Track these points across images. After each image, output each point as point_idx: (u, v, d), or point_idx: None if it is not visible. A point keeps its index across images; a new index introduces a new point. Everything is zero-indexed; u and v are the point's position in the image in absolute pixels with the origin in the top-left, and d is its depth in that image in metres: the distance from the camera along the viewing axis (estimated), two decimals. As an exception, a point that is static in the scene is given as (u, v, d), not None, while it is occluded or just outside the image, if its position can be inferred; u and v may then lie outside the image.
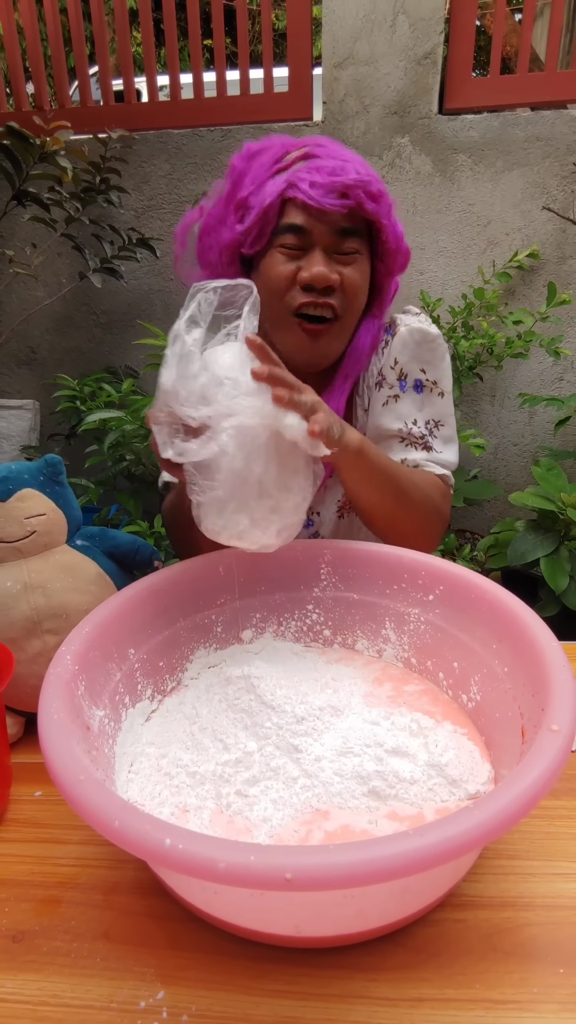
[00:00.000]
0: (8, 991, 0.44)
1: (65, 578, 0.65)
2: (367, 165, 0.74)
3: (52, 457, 0.67)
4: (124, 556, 0.72)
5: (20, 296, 1.98)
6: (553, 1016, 0.41)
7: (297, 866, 0.33)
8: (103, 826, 0.36)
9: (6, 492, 0.64)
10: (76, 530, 0.70)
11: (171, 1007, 0.42)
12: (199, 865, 0.33)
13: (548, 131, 1.66)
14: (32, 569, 0.65)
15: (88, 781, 0.39)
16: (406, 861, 0.33)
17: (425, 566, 0.65)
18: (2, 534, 0.64)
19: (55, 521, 0.66)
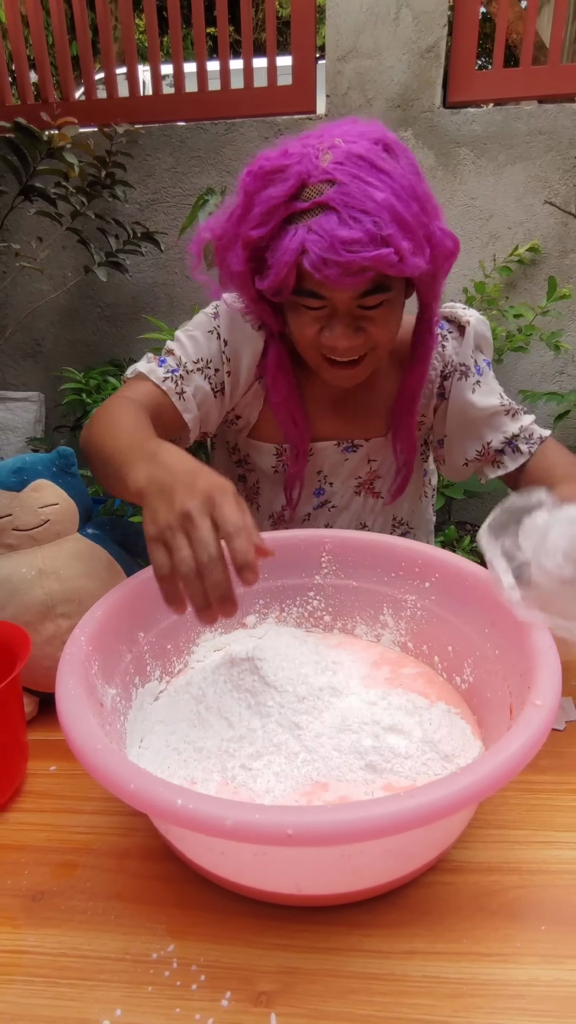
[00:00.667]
0: (31, 944, 0.48)
1: (77, 565, 0.68)
2: (403, 190, 0.62)
3: (64, 449, 0.70)
4: (133, 544, 0.75)
5: (26, 289, 2.00)
6: (535, 968, 0.44)
7: (298, 823, 0.36)
8: (120, 789, 0.40)
9: (21, 483, 0.67)
10: (87, 519, 0.73)
11: (181, 958, 0.46)
12: (208, 822, 0.37)
13: (551, 125, 1.67)
14: (46, 556, 0.68)
15: (105, 750, 0.42)
16: (398, 819, 0.36)
17: (421, 555, 0.68)
18: (17, 523, 0.67)
19: (67, 510, 0.69)
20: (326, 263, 0.61)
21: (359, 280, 0.63)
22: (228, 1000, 0.43)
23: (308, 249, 0.62)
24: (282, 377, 0.79)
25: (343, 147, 0.62)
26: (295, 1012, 0.42)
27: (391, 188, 0.61)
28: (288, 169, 0.63)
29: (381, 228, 0.61)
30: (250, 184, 0.65)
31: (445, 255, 0.69)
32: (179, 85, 1.83)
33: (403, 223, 0.62)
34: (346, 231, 0.60)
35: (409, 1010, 0.42)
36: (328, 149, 0.63)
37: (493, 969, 0.44)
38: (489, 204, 1.76)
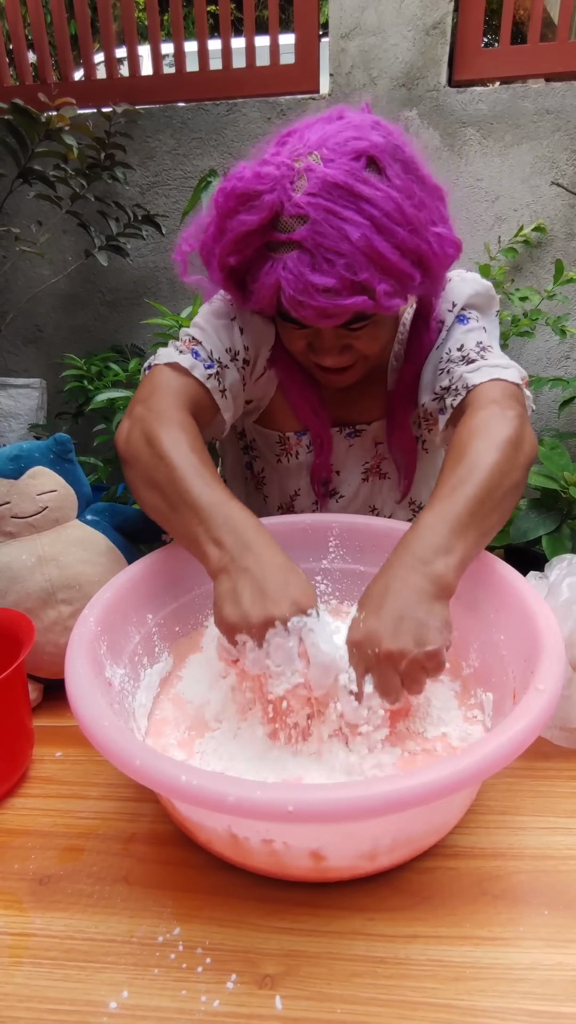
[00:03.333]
0: (38, 927, 0.48)
1: (77, 551, 0.68)
2: (386, 217, 0.58)
3: (61, 436, 0.70)
4: (132, 529, 0.75)
5: (26, 274, 1.99)
6: (537, 952, 0.44)
7: (298, 800, 0.36)
8: (126, 765, 0.40)
9: (18, 470, 0.67)
10: (86, 506, 0.73)
11: (186, 941, 0.46)
12: (211, 798, 0.37)
13: (558, 104, 1.64)
14: (45, 543, 0.68)
15: (112, 727, 0.42)
16: (398, 798, 0.37)
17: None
18: (16, 510, 0.67)
19: (65, 497, 0.70)
20: (301, 304, 0.60)
21: (336, 319, 0.62)
22: (233, 982, 0.43)
23: (283, 287, 0.60)
24: (295, 366, 0.78)
25: (319, 172, 0.57)
26: (299, 994, 0.43)
27: (370, 219, 0.57)
28: (261, 197, 0.59)
29: (356, 273, 0.57)
30: (223, 205, 0.62)
31: (445, 264, 0.66)
32: (180, 64, 1.80)
33: (382, 262, 0.58)
34: (319, 277, 0.58)
35: (412, 993, 0.42)
36: (304, 172, 0.58)
37: (496, 953, 0.44)
38: (495, 185, 1.73)
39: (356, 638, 0.51)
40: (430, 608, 0.50)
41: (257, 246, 0.61)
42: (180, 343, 0.73)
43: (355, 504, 0.90)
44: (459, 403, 0.68)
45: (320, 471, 0.86)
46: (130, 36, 1.80)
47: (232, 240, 0.62)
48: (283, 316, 0.67)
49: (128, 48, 1.81)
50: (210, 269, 0.68)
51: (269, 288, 0.61)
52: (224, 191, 0.61)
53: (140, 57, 1.85)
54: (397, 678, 0.49)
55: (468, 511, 0.55)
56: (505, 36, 1.69)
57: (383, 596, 0.51)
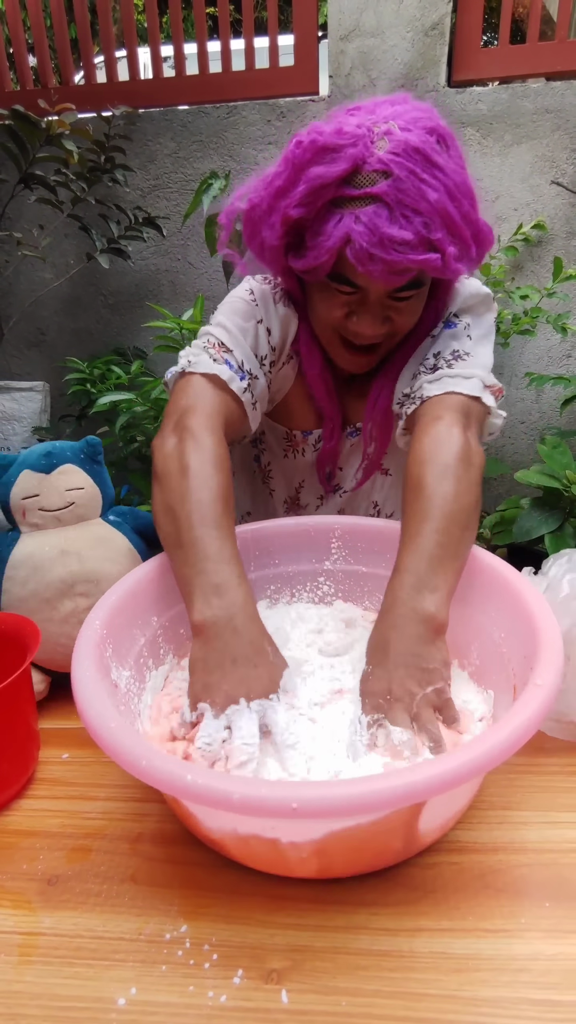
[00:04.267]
0: (47, 926, 0.49)
1: (98, 548, 0.71)
2: (456, 188, 0.60)
3: (92, 438, 0.73)
4: (151, 534, 0.77)
5: (28, 278, 2.00)
6: (539, 943, 0.45)
7: (303, 797, 0.37)
8: (132, 766, 0.41)
9: (50, 465, 0.70)
10: (109, 506, 0.76)
11: (193, 938, 0.47)
12: (216, 797, 0.38)
13: (558, 103, 1.64)
14: (69, 537, 0.70)
15: (119, 728, 0.43)
16: (399, 794, 0.37)
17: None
18: (44, 503, 0.70)
19: (92, 495, 0.72)
20: (372, 258, 0.60)
21: (401, 278, 0.63)
22: (240, 977, 0.44)
23: (354, 240, 0.60)
24: (317, 350, 0.78)
25: (399, 136, 0.60)
26: (305, 988, 0.43)
27: (444, 187, 0.59)
28: (343, 150, 0.60)
29: (431, 231, 0.59)
30: (299, 156, 0.62)
31: (487, 248, 0.68)
32: (180, 66, 1.81)
33: (452, 226, 0.61)
34: (396, 230, 0.59)
35: (416, 985, 0.43)
36: (384, 135, 0.60)
37: (498, 944, 0.45)
38: (495, 185, 1.73)
39: (366, 690, 0.55)
40: (428, 651, 0.54)
41: (327, 200, 0.62)
42: (212, 348, 0.72)
43: (357, 498, 0.91)
44: (412, 412, 0.71)
45: (325, 460, 0.86)
46: (129, 38, 1.81)
47: (304, 192, 0.62)
48: (335, 277, 0.66)
49: (128, 50, 1.82)
50: (264, 227, 0.68)
51: (337, 241, 0.61)
52: (302, 144, 0.62)
53: (140, 59, 1.86)
54: (408, 717, 0.52)
55: (440, 545, 0.58)
56: (504, 35, 1.69)
57: (386, 649, 0.55)
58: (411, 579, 0.56)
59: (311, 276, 0.69)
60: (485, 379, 0.71)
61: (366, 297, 0.67)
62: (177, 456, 0.63)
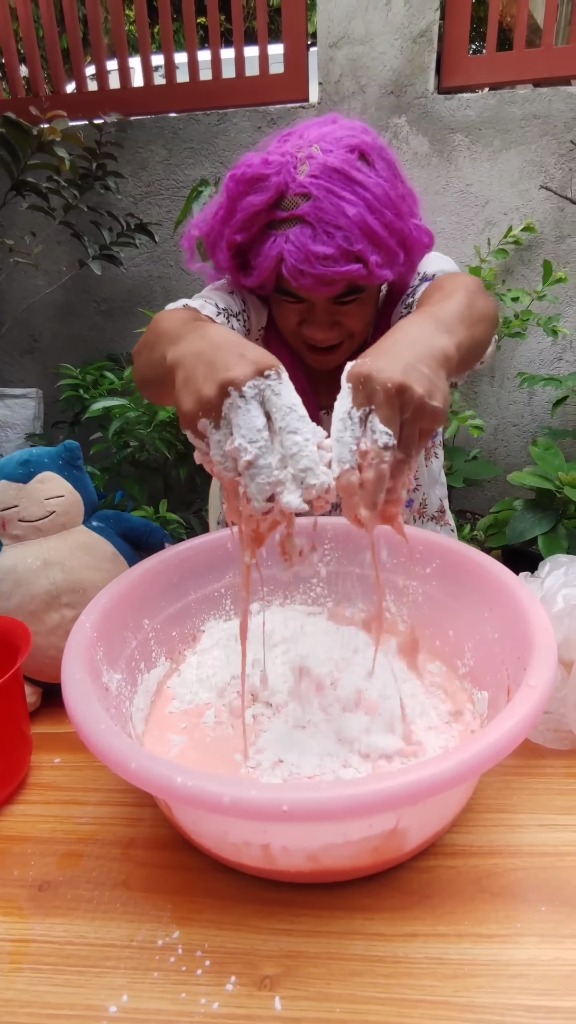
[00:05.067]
0: (37, 933, 0.48)
1: (82, 556, 0.69)
2: (376, 200, 0.65)
3: (71, 443, 0.71)
4: (137, 538, 0.76)
5: (21, 285, 2.00)
6: (534, 947, 0.45)
7: (293, 800, 0.36)
8: (122, 768, 0.40)
9: (28, 475, 0.69)
10: (92, 512, 0.74)
11: (186, 944, 0.46)
12: (206, 799, 0.37)
13: (545, 109, 1.66)
14: (51, 547, 0.69)
15: (108, 730, 0.43)
16: (391, 796, 0.37)
17: (423, 541, 0.68)
18: (24, 514, 0.68)
19: (73, 503, 0.71)
20: (302, 273, 0.66)
21: (333, 288, 0.68)
22: (233, 984, 0.44)
23: (285, 258, 0.66)
24: (285, 347, 0.82)
25: (319, 158, 0.65)
26: (299, 995, 0.43)
27: (364, 201, 0.64)
28: (268, 179, 0.66)
29: (352, 244, 0.64)
30: (233, 189, 0.68)
31: (420, 250, 0.73)
32: (170, 75, 1.82)
33: (373, 237, 0.65)
34: (320, 247, 0.64)
35: (411, 991, 0.43)
36: (306, 159, 0.65)
37: (494, 949, 0.45)
38: (485, 190, 1.75)
39: (362, 371, 0.44)
40: (437, 371, 0.46)
41: (262, 224, 0.68)
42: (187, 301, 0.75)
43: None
44: (423, 290, 0.71)
45: None
46: (120, 48, 1.82)
47: (240, 220, 0.68)
48: (280, 291, 0.72)
49: (119, 60, 1.83)
50: (216, 250, 0.74)
51: (272, 260, 0.67)
52: (234, 177, 0.68)
53: (131, 69, 1.87)
54: (398, 421, 0.44)
55: (459, 312, 0.56)
56: (492, 42, 1.71)
57: (392, 345, 0.47)
58: (429, 319, 0.52)
59: (262, 291, 0.76)
60: None
61: (312, 306, 0.73)
62: (150, 328, 0.64)
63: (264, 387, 0.44)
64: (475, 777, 0.41)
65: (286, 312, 0.75)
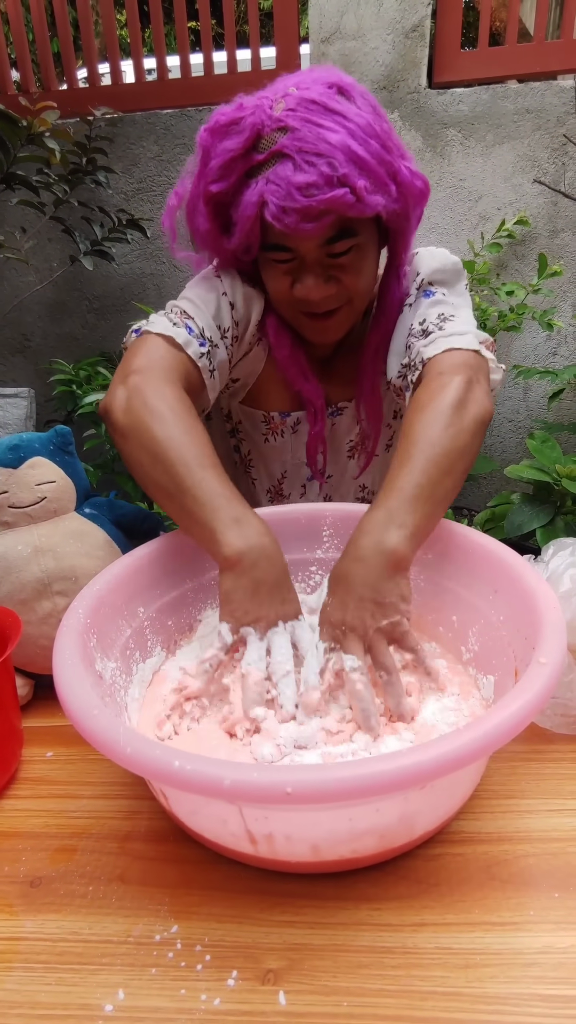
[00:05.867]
0: (29, 930, 0.46)
1: (74, 543, 0.67)
2: (360, 128, 0.61)
3: (62, 428, 0.69)
4: (131, 525, 0.74)
5: (11, 282, 1.98)
6: (548, 935, 0.43)
7: (297, 781, 0.35)
8: (116, 753, 0.38)
9: (17, 460, 0.67)
10: (84, 499, 0.72)
11: (185, 939, 0.44)
12: (206, 783, 0.35)
13: (538, 103, 1.66)
14: (42, 534, 0.67)
15: (101, 716, 0.41)
16: (398, 776, 0.35)
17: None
18: (14, 499, 0.66)
19: (64, 488, 0.68)
20: (285, 211, 0.61)
21: (320, 225, 0.63)
22: (235, 979, 0.42)
23: (267, 200, 0.62)
24: (285, 332, 0.78)
25: (296, 94, 0.62)
26: (304, 989, 0.41)
27: (346, 128, 0.61)
28: (242, 121, 0.62)
29: (336, 169, 0.60)
30: (206, 139, 0.65)
31: (415, 194, 0.68)
32: (162, 75, 1.81)
33: (359, 162, 0.61)
34: (301, 176, 0.60)
35: (421, 982, 0.41)
36: (281, 98, 0.62)
37: (506, 938, 0.43)
38: (478, 185, 1.74)
39: (324, 619, 0.56)
40: (386, 585, 0.54)
41: (240, 173, 0.64)
42: (172, 314, 0.72)
43: (344, 482, 0.90)
44: (416, 378, 0.70)
45: (315, 444, 0.84)
46: (112, 52, 1.81)
47: (216, 167, 0.64)
48: (268, 247, 0.68)
49: (111, 64, 1.82)
50: (196, 214, 0.69)
51: (253, 207, 0.63)
52: (207, 129, 0.64)
53: (123, 72, 1.85)
54: (361, 648, 0.54)
55: (417, 485, 0.57)
56: (483, 37, 1.71)
57: (345, 580, 0.55)
58: (381, 515, 0.56)
59: (248, 254, 0.70)
60: (477, 334, 0.71)
61: (303, 260, 0.68)
62: (143, 406, 0.62)
63: (297, 626, 0.58)
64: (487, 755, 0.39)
65: (276, 274, 0.70)
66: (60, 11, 1.78)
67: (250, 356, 0.80)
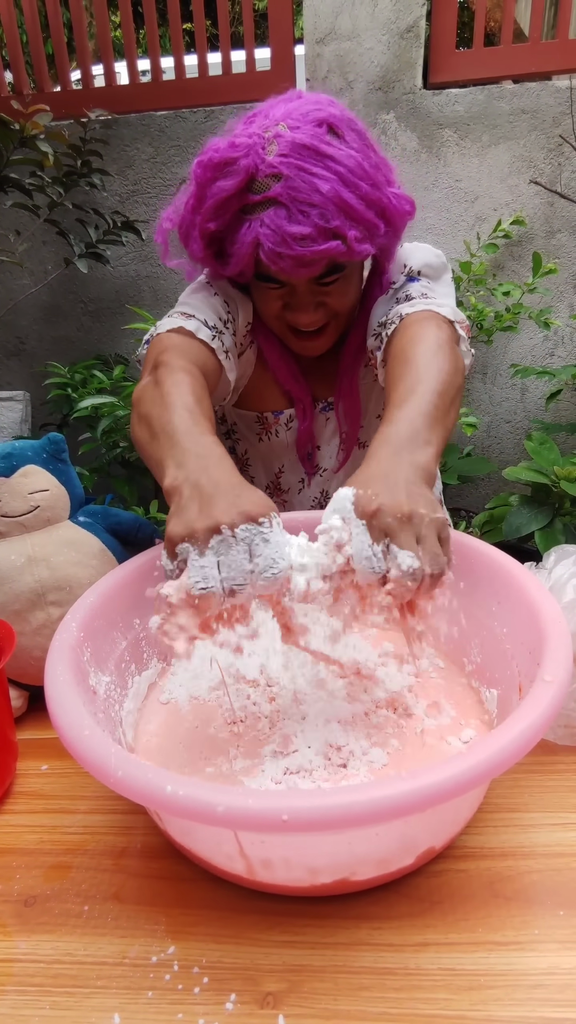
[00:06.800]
0: (23, 952, 0.45)
1: (68, 552, 0.66)
2: (350, 172, 0.63)
3: (55, 435, 0.68)
4: (126, 533, 0.73)
5: (6, 286, 1.96)
6: (553, 955, 0.42)
7: (293, 808, 0.34)
8: (106, 776, 0.37)
9: (10, 468, 0.66)
10: (78, 507, 0.71)
11: (182, 960, 0.43)
12: (199, 809, 0.34)
13: (533, 103, 1.65)
14: (36, 543, 0.66)
15: (92, 736, 0.39)
16: (398, 803, 0.34)
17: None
18: (6, 509, 0.65)
19: (58, 497, 0.68)
20: (280, 256, 0.64)
21: (313, 269, 0.66)
22: (233, 1003, 0.41)
23: (263, 243, 0.64)
24: (272, 338, 0.80)
25: (287, 136, 0.63)
26: (304, 1012, 0.40)
27: (337, 175, 0.62)
28: (236, 163, 0.63)
29: (328, 220, 0.62)
30: (201, 176, 0.66)
31: (402, 220, 0.70)
32: (156, 77, 1.80)
33: (350, 211, 0.63)
34: (295, 227, 0.62)
35: (425, 1005, 0.40)
36: (274, 138, 0.63)
37: (511, 958, 0.42)
38: (474, 186, 1.74)
39: (369, 508, 0.48)
40: (426, 487, 0.51)
41: (234, 210, 0.65)
42: (175, 316, 0.73)
43: (338, 476, 0.90)
44: (392, 332, 0.69)
45: (304, 440, 0.86)
46: (106, 53, 1.80)
47: (211, 207, 0.65)
48: (260, 277, 0.70)
49: (105, 65, 1.81)
50: (190, 241, 0.71)
51: (248, 246, 0.65)
52: (202, 163, 0.65)
53: (117, 74, 1.84)
54: (415, 541, 0.46)
55: (435, 405, 0.56)
56: (479, 38, 1.70)
57: (385, 477, 0.49)
58: (406, 429, 0.54)
59: (241, 279, 0.73)
60: (456, 312, 0.72)
61: (294, 289, 0.70)
62: (152, 380, 0.63)
63: (254, 533, 0.47)
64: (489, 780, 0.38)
65: (268, 298, 0.73)
66: (53, 12, 1.77)
67: (242, 359, 0.81)
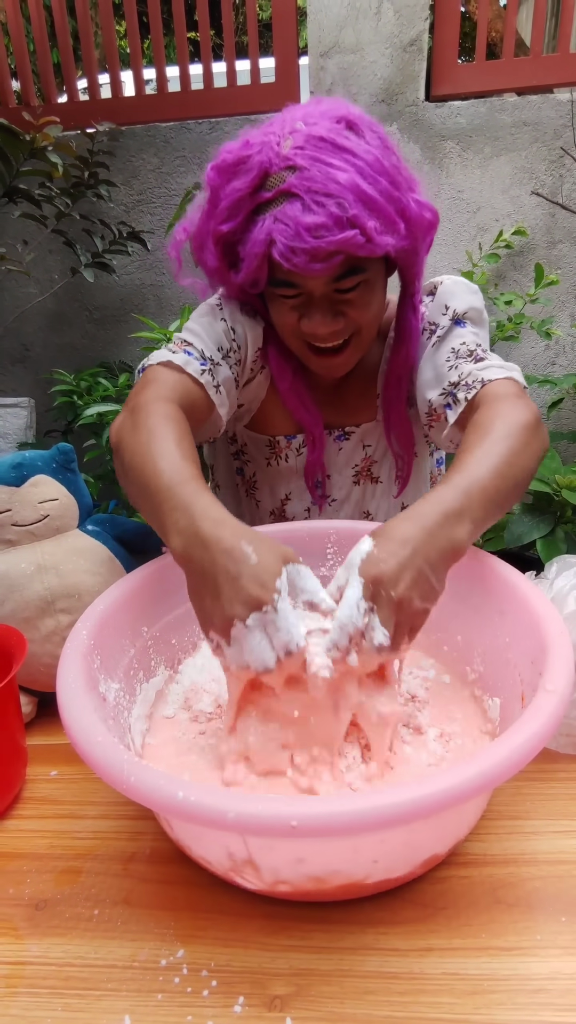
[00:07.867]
0: (34, 955, 0.46)
1: (77, 560, 0.67)
2: (368, 166, 0.61)
3: (64, 445, 0.70)
4: (133, 541, 0.74)
5: (13, 294, 1.98)
6: (556, 960, 0.43)
7: (302, 815, 0.35)
8: (119, 782, 0.38)
9: (20, 478, 0.67)
10: (87, 516, 0.73)
11: (191, 964, 0.44)
12: (210, 816, 0.35)
13: (535, 116, 1.67)
14: (45, 551, 0.67)
15: (105, 742, 0.41)
16: (405, 810, 0.35)
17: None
18: (17, 518, 0.66)
19: (67, 506, 0.69)
20: (294, 251, 0.60)
21: (329, 265, 0.62)
22: (241, 1005, 0.42)
23: (275, 239, 0.61)
24: (286, 363, 0.78)
25: (304, 131, 0.61)
26: (311, 1015, 0.41)
27: (354, 167, 0.60)
28: (249, 160, 0.62)
29: (345, 210, 0.59)
30: (214, 179, 0.64)
31: (424, 227, 0.67)
32: (162, 88, 1.82)
33: (369, 201, 0.60)
34: (310, 217, 0.59)
35: (429, 1009, 0.41)
36: (289, 134, 0.61)
37: (514, 963, 0.43)
38: (476, 197, 1.75)
39: (372, 573, 0.48)
40: (441, 573, 0.50)
41: (248, 211, 0.63)
42: (173, 345, 0.72)
43: (347, 507, 0.89)
44: (473, 397, 0.68)
45: (313, 469, 0.85)
46: (112, 62, 1.82)
47: (225, 207, 0.64)
48: (274, 282, 0.67)
49: (111, 74, 1.84)
50: (204, 252, 0.69)
51: (261, 245, 0.62)
52: (215, 167, 0.64)
53: (123, 83, 1.87)
54: (393, 620, 0.48)
55: (495, 486, 0.54)
56: (480, 50, 1.72)
57: (408, 544, 0.49)
58: (459, 497, 0.52)
59: (255, 288, 0.70)
60: (517, 371, 0.71)
61: (311, 296, 0.67)
62: (131, 424, 0.61)
63: (267, 621, 0.47)
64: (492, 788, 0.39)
65: (283, 309, 0.69)
66: (60, 22, 1.79)
67: (253, 384, 0.80)
